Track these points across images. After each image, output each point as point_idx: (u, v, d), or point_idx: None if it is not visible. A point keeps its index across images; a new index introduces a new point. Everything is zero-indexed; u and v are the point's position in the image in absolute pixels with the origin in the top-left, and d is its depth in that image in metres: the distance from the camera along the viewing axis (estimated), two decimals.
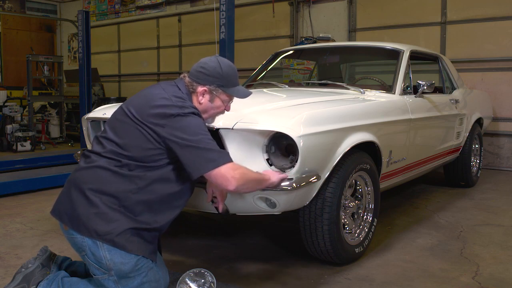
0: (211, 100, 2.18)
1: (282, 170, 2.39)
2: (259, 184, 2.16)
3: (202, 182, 2.37)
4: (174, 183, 2.08)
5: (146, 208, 2.02)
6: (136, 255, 1.98)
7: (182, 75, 2.22)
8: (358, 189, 2.97)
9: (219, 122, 2.44)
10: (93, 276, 2.04)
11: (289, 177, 2.36)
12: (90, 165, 2.04)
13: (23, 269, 2.16)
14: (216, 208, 2.45)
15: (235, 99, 2.30)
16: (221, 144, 2.44)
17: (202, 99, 2.16)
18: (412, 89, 3.81)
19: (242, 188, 2.03)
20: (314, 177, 2.45)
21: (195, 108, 2.10)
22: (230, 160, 2.02)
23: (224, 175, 1.97)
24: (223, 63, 2.20)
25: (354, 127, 2.78)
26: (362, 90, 3.55)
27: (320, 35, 7.47)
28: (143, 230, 2.01)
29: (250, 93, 2.31)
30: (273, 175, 2.25)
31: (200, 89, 2.15)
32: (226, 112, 2.31)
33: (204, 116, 2.19)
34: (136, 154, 2.01)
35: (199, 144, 1.97)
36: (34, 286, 2.10)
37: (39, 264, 2.17)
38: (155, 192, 2.03)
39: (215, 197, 2.38)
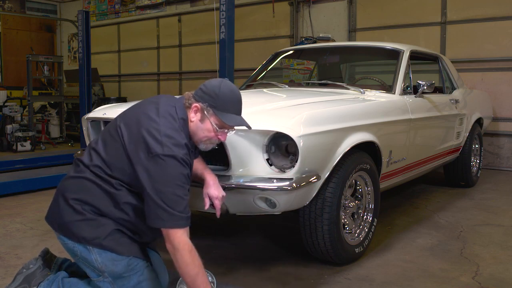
0: (201, 120, 2.03)
1: (282, 170, 2.39)
2: (194, 280, 1.91)
3: (200, 183, 2.37)
4: None
5: (129, 223, 2.01)
6: (127, 256, 1.99)
7: (185, 94, 2.11)
8: (358, 189, 2.97)
9: None
10: (91, 278, 2.05)
11: (289, 177, 2.37)
12: (77, 175, 2.04)
13: (24, 270, 2.16)
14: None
15: None
16: (221, 145, 2.44)
17: (193, 117, 2.03)
18: (412, 89, 3.81)
19: (177, 258, 1.90)
20: (314, 177, 2.45)
21: (182, 146, 1.94)
22: (180, 226, 1.90)
23: (169, 236, 1.90)
24: (225, 85, 2.04)
25: (354, 127, 2.78)
26: (362, 90, 3.55)
27: (320, 35, 7.47)
28: (130, 231, 2.02)
29: (245, 123, 2.09)
30: None
31: (193, 105, 2.03)
32: (221, 140, 2.12)
33: (194, 139, 2.07)
34: (119, 176, 1.98)
35: (159, 199, 1.87)
36: (35, 287, 2.11)
37: (40, 265, 2.18)
38: (138, 214, 2.00)
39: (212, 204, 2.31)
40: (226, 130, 2.09)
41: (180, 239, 1.90)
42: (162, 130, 1.93)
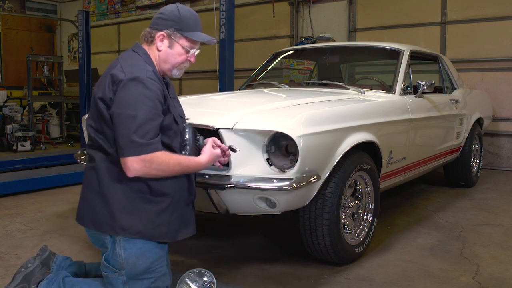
0: (170, 46, 2.05)
1: (282, 170, 2.39)
2: (181, 170, 1.97)
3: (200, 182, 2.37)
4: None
5: (154, 180, 1.95)
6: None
7: (141, 35, 2.14)
8: (358, 189, 2.97)
9: (219, 122, 2.44)
10: (103, 273, 2.02)
11: (289, 177, 2.37)
12: (91, 165, 2.01)
13: (22, 269, 2.15)
14: (216, 207, 2.43)
15: (234, 96, 2.21)
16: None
17: (161, 46, 2.05)
18: (412, 89, 3.81)
19: (150, 175, 1.90)
20: (314, 177, 2.45)
21: (146, 70, 1.95)
22: (143, 152, 1.83)
23: (126, 163, 1.85)
24: (182, 8, 2.09)
25: (354, 127, 2.78)
26: (362, 90, 3.55)
27: (320, 35, 7.47)
28: (166, 208, 1.98)
29: (212, 39, 2.13)
30: (203, 158, 2.05)
31: (158, 34, 2.05)
32: (191, 61, 2.13)
33: (166, 67, 2.08)
34: (110, 137, 1.95)
35: (122, 125, 1.84)
36: (34, 286, 2.10)
37: (38, 264, 2.17)
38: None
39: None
40: (194, 51, 2.11)
41: (142, 161, 1.84)
42: (124, 65, 1.96)
